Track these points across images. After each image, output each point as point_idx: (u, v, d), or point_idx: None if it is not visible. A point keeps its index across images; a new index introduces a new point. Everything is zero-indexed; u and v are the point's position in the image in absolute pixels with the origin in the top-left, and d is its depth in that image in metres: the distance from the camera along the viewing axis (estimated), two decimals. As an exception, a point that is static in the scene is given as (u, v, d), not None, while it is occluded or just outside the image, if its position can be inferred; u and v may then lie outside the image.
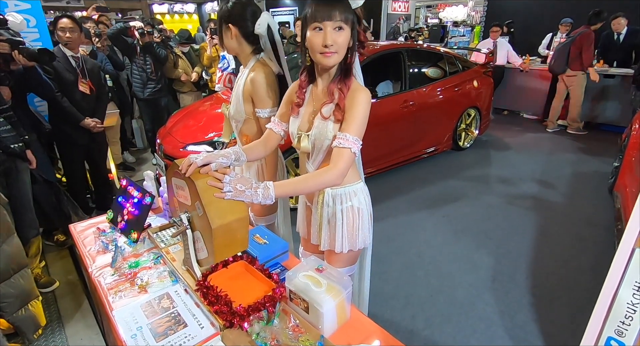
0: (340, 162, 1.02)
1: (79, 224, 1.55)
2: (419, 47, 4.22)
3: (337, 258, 1.26)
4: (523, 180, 3.61)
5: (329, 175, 1.01)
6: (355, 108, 1.05)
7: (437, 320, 1.93)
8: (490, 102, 4.48)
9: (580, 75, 4.68)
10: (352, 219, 1.20)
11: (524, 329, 1.87)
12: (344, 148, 1.02)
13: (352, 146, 1.02)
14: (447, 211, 3.03)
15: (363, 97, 1.06)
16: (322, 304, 0.91)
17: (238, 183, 0.95)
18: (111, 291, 1.14)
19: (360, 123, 1.04)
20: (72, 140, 2.59)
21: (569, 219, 2.90)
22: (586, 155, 4.23)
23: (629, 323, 1.02)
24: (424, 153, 3.88)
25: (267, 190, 0.96)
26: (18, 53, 1.95)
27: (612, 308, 1.03)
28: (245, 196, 0.94)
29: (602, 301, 1.05)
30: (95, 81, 2.57)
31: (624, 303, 1.01)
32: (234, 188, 0.94)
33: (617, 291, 1.02)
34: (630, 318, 1.01)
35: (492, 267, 2.34)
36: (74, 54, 2.44)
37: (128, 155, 4.24)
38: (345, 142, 1.02)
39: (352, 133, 1.03)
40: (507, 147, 4.57)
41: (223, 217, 0.95)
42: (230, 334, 0.93)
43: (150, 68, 3.68)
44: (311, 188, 1.07)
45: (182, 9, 12.37)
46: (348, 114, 1.05)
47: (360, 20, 1.04)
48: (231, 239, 1.00)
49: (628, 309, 1.01)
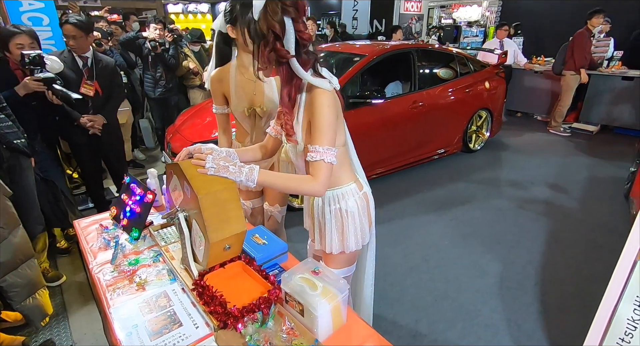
0: (319, 174, 1.02)
1: (83, 220, 1.56)
2: (430, 47, 4.16)
3: (330, 259, 1.27)
4: (535, 183, 3.52)
5: (310, 186, 1.03)
6: (316, 116, 1.01)
7: (441, 325, 1.89)
8: (502, 103, 4.40)
9: (570, 76, 4.60)
10: (341, 221, 1.19)
11: (531, 338, 1.82)
12: (317, 161, 1.01)
13: (324, 157, 1.00)
14: (456, 214, 2.97)
15: (320, 100, 1.01)
16: (317, 307, 0.89)
17: (221, 160, 0.98)
18: (110, 288, 1.15)
19: (326, 130, 1.01)
20: (72, 140, 2.56)
21: (582, 225, 2.81)
22: (601, 159, 4.11)
23: (629, 341, 0.97)
24: (434, 155, 3.82)
25: (252, 171, 0.99)
26: (52, 93, 2.03)
27: (611, 324, 0.98)
28: (229, 173, 0.98)
29: (601, 316, 1.00)
30: (107, 80, 2.48)
31: (624, 319, 0.96)
32: (217, 164, 0.98)
33: (617, 306, 0.97)
34: (630, 335, 0.96)
35: (500, 273, 2.28)
36: (81, 54, 2.35)
37: (138, 152, 4.30)
38: (316, 155, 1.01)
39: (321, 143, 1.01)
40: (519, 149, 4.47)
41: (209, 186, 0.98)
42: (223, 335, 0.92)
43: (160, 73, 3.74)
44: (290, 190, 1.08)
45: (195, 8, 12.50)
46: (312, 124, 1.03)
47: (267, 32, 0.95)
48: (223, 212, 1.00)
49: (628, 325, 0.96)
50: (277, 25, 0.92)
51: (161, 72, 3.74)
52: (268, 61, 0.98)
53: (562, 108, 4.86)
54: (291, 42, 0.96)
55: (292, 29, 0.95)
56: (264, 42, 0.95)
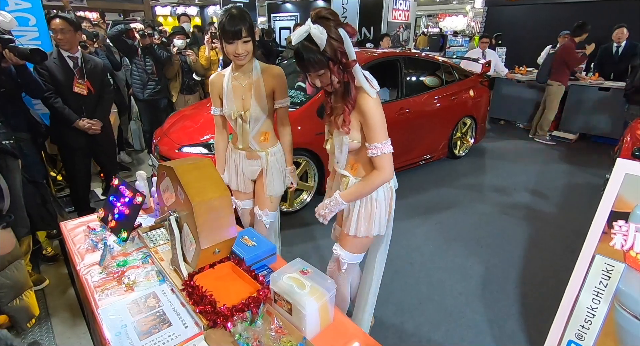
0: (384, 165, 1.22)
1: (70, 222, 1.55)
2: (417, 56, 4.27)
3: (350, 242, 1.42)
4: (516, 189, 3.63)
5: (381, 179, 1.24)
6: (368, 119, 1.18)
7: (425, 327, 1.93)
8: (486, 111, 4.52)
9: (557, 86, 4.77)
10: (369, 208, 1.35)
11: (512, 338, 1.88)
12: (379, 156, 1.21)
13: (385, 150, 1.20)
14: (440, 219, 3.04)
15: (368, 105, 1.17)
16: (305, 306, 0.92)
17: (322, 209, 1.36)
18: (98, 289, 1.15)
19: (378, 128, 1.19)
20: (67, 142, 2.51)
21: (560, 230, 2.92)
22: (580, 166, 4.27)
23: (588, 327, 1.07)
24: (420, 160, 3.90)
25: (337, 200, 1.31)
26: (9, 51, 1.95)
27: (573, 313, 1.06)
28: (330, 209, 1.33)
29: (564, 306, 1.10)
30: (97, 81, 2.49)
31: (584, 307, 1.06)
32: (324, 212, 1.35)
33: (578, 296, 1.05)
34: (589, 322, 1.05)
35: (482, 276, 2.35)
36: (71, 54, 2.37)
37: (125, 155, 4.24)
38: (375, 150, 1.20)
39: (377, 140, 1.19)
40: (502, 156, 4.60)
41: (203, 194, 1.00)
42: (213, 334, 0.94)
43: (151, 69, 3.69)
44: (370, 191, 1.30)
45: (184, 11, 12.46)
46: (365, 125, 1.20)
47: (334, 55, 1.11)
48: (215, 220, 1.02)
49: (588, 313, 1.05)
50: (341, 43, 1.09)
51: (152, 69, 3.70)
52: (338, 74, 1.14)
53: (549, 117, 4.98)
54: (351, 47, 1.11)
55: (347, 36, 1.10)
56: (332, 62, 1.10)
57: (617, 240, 1.04)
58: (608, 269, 1.04)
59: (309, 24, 1.07)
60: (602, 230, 1.07)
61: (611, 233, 1.05)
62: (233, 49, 1.46)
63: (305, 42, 1.08)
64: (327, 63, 1.10)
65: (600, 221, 1.08)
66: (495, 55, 5.67)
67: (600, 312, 1.04)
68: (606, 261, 1.05)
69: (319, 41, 1.05)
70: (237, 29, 1.40)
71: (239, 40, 1.43)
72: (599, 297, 1.04)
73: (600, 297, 1.04)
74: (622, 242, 1.03)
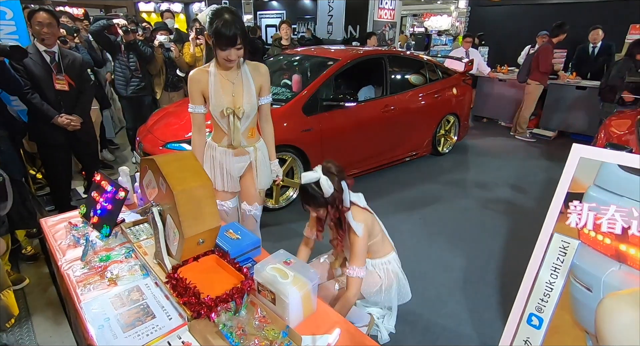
0: (352, 285, 1.44)
1: (51, 218, 1.53)
2: (402, 54, 4.32)
3: None
4: (498, 184, 3.73)
5: (349, 299, 1.44)
6: (353, 247, 1.45)
7: (410, 317, 1.98)
8: (469, 109, 4.62)
9: (535, 85, 4.91)
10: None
11: (491, 327, 1.94)
12: (353, 278, 1.43)
13: (358, 274, 1.43)
14: (424, 214, 3.10)
15: (355, 240, 1.44)
16: (288, 295, 0.94)
17: None
18: (80, 284, 1.14)
19: (360, 256, 1.45)
20: (46, 140, 2.43)
21: (538, 223, 2.97)
22: (558, 162, 4.40)
23: (546, 300, 1.16)
24: (405, 157, 3.97)
25: None
26: None
27: (533, 288, 1.14)
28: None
29: (526, 282, 1.18)
30: (76, 75, 2.42)
31: (543, 282, 1.13)
32: None
33: (538, 272, 1.12)
34: (547, 295, 1.14)
35: (464, 268, 2.41)
36: (47, 49, 2.29)
37: (107, 153, 4.17)
38: (352, 271, 1.43)
39: (357, 264, 1.43)
40: (484, 153, 4.71)
41: (184, 183, 1.02)
42: (197, 324, 0.95)
43: (134, 65, 3.63)
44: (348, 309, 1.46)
45: (168, 7, 12.25)
46: (350, 250, 1.47)
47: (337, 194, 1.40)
48: (198, 208, 1.03)
49: (546, 288, 1.14)
50: (341, 193, 1.38)
51: (135, 65, 3.64)
52: (333, 216, 1.41)
53: (525, 115, 5.15)
54: (347, 197, 1.40)
55: (347, 187, 1.40)
56: (330, 206, 1.38)
57: (573, 219, 1.12)
58: (564, 246, 1.12)
59: (320, 174, 1.35)
60: (560, 210, 1.15)
61: (567, 212, 1.13)
62: (226, 54, 1.46)
63: (313, 185, 1.37)
64: (326, 206, 1.39)
65: (558, 202, 1.16)
66: (478, 54, 5.80)
67: (557, 286, 1.11)
68: (563, 239, 1.13)
69: (325, 191, 1.34)
70: (232, 36, 1.41)
71: (233, 48, 1.44)
72: (557, 272, 1.11)
73: (558, 272, 1.11)
74: (576, 220, 1.11)
